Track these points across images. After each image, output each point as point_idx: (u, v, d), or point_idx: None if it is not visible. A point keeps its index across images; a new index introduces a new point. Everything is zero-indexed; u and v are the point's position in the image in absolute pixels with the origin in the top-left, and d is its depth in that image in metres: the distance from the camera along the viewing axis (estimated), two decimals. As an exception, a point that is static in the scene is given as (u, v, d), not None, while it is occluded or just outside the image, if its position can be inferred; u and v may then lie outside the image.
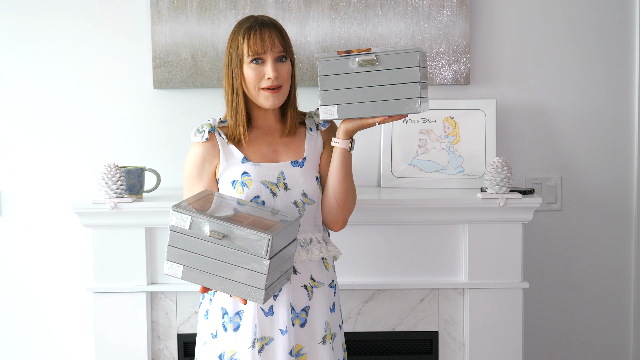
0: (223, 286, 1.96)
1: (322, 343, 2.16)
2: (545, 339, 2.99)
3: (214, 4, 2.85)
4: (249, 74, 2.11)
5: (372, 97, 2.06)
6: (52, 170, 2.95)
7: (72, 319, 2.97)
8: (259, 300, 1.94)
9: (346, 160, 2.15)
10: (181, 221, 1.96)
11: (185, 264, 1.98)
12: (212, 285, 1.98)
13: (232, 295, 1.99)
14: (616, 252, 2.98)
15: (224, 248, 1.94)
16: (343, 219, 2.22)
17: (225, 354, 2.13)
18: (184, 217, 1.96)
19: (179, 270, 1.99)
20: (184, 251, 1.97)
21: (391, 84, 2.04)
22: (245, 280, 1.94)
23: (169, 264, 1.99)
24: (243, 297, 1.96)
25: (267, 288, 1.94)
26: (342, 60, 2.06)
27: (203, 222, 1.94)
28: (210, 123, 2.19)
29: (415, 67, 2.02)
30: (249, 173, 2.14)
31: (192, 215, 1.95)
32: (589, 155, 2.95)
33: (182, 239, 1.97)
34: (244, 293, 1.95)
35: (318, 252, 2.18)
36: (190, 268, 1.98)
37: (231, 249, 1.94)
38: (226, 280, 1.96)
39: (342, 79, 2.07)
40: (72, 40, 2.91)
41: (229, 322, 2.14)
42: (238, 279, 1.95)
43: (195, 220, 1.95)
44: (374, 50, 2.05)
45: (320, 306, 2.18)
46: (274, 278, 1.97)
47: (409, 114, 2.07)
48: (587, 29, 2.91)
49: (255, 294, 1.94)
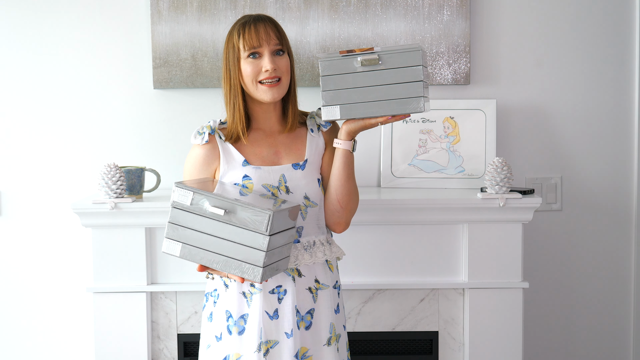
0: (221, 264, 1.97)
1: (327, 345, 2.15)
2: (545, 339, 2.99)
3: (214, 4, 2.85)
4: (247, 68, 2.10)
5: (375, 97, 2.04)
6: (52, 170, 2.95)
7: (72, 319, 2.97)
8: (257, 277, 1.94)
9: (348, 161, 2.14)
10: (183, 197, 1.97)
11: (184, 242, 1.99)
12: (210, 263, 1.98)
13: (230, 275, 2.00)
14: (616, 252, 2.98)
15: (224, 225, 1.95)
16: (346, 221, 2.21)
17: (230, 357, 2.12)
18: (186, 192, 1.97)
19: (177, 248, 1.99)
20: (184, 228, 1.98)
21: (394, 83, 2.02)
22: (244, 257, 1.95)
23: (168, 242, 2.00)
24: (241, 275, 1.96)
25: (265, 266, 1.94)
26: (344, 60, 2.05)
27: (204, 199, 1.96)
28: (211, 125, 2.17)
29: (418, 65, 2.01)
30: (250, 176, 2.13)
31: (195, 191, 1.96)
32: (589, 155, 2.95)
33: (183, 215, 1.98)
34: (242, 271, 1.95)
35: (322, 254, 2.17)
36: (189, 246, 1.99)
37: (231, 225, 1.95)
38: (225, 257, 1.97)
39: (344, 79, 2.05)
40: (72, 40, 2.91)
41: (233, 325, 2.13)
42: (236, 256, 1.95)
43: (197, 196, 1.96)
44: (376, 50, 2.03)
45: (325, 308, 2.17)
46: (272, 259, 1.98)
47: (412, 114, 2.05)
48: (587, 29, 2.91)
49: (253, 272, 1.94)
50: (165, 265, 2.67)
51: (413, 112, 2.03)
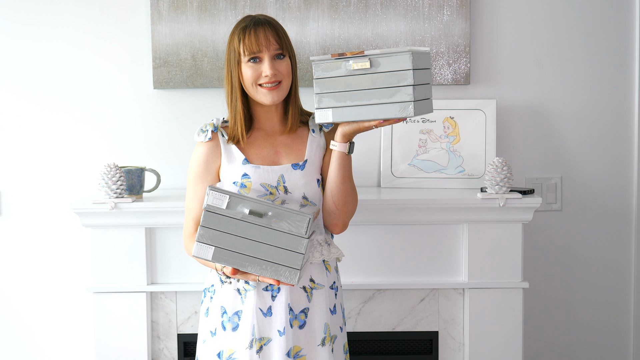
0: (255, 267, 1.99)
1: (321, 345, 2.16)
2: (545, 339, 2.99)
3: (214, 4, 2.85)
4: (247, 72, 2.11)
5: (366, 101, 2.02)
6: (52, 170, 2.95)
7: (72, 319, 2.97)
8: (294, 280, 1.97)
9: (344, 163, 2.13)
10: (218, 200, 1.98)
11: (217, 245, 2.00)
12: (244, 266, 2.00)
13: (262, 278, 2.02)
14: (616, 252, 2.98)
15: (261, 228, 1.97)
16: (343, 222, 2.21)
17: (224, 352, 2.14)
18: (222, 196, 1.98)
19: (209, 252, 2.00)
20: (218, 232, 1.99)
21: (385, 87, 2.01)
22: (281, 260, 1.97)
23: (199, 246, 2.00)
24: (277, 277, 1.98)
25: (301, 268, 1.97)
26: (336, 63, 2.04)
27: (242, 202, 1.97)
28: (214, 123, 2.20)
29: (408, 70, 1.98)
30: (249, 175, 2.14)
31: (231, 195, 1.98)
32: (589, 155, 2.95)
33: (217, 219, 1.99)
34: (278, 273, 1.97)
35: (319, 254, 2.18)
36: (222, 249, 2.00)
37: (269, 228, 1.97)
38: (260, 260, 1.98)
39: (336, 82, 2.04)
40: (72, 40, 2.91)
41: (227, 321, 2.14)
42: (274, 259, 1.97)
43: (234, 199, 1.97)
44: (367, 53, 2.01)
45: (320, 308, 2.17)
46: (305, 260, 2.00)
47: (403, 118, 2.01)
48: (587, 29, 2.91)
49: (290, 274, 1.97)
50: (165, 265, 2.67)
51: (403, 117, 2.00)
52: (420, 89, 2.04)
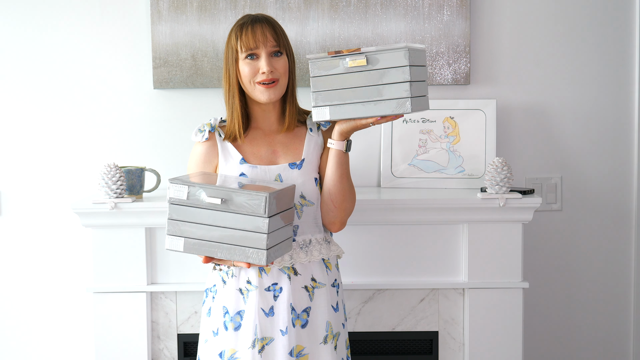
0: (225, 252, 1.99)
1: (323, 343, 2.16)
2: (545, 339, 2.99)
3: (214, 4, 2.85)
4: (244, 69, 2.12)
5: (363, 98, 2.02)
6: (52, 170, 2.95)
7: (72, 319, 2.97)
8: (262, 260, 1.96)
9: (341, 161, 2.13)
10: (179, 192, 2.00)
11: (186, 236, 2.01)
12: (214, 253, 2.00)
13: (235, 262, 2.01)
14: (616, 252, 2.98)
15: (223, 213, 1.97)
16: (341, 220, 2.21)
17: (226, 352, 2.14)
18: (181, 187, 2.00)
19: (180, 243, 2.02)
20: (184, 222, 2.00)
21: (381, 84, 2.01)
22: (246, 242, 1.97)
23: (170, 238, 2.02)
24: (245, 260, 1.98)
25: (269, 248, 1.96)
26: (333, 61, 2.04)
27: (199, 190, 1.98)
28: (211, 122, 2.20)
29: (404, 66, 1.98)
30: (246, 174, 2.15)
31: (189, 185, 1.99)
32: (589, 155, 2.95)
33: (181, 210, 2.00)
34: (247, 256, 1.97)
35: (318, 253, 2.18)
36: (191, 239, 2.01)
37: (230, 212, 1.97)
38: (227, 245, 1.99)
39: (333, 79, 2.04)
40: (72, 40, 2.91)
41: (229, 321, 2.14)
42: (239, 243, 1.97)
43: (192, 189, 1.99)
44: (363, 50, 2.01)
45: (322, 306, 2.18)
46: (275, 240, 2.00)
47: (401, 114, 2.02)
48: (587, 29, 2.91)
49: (258, 255, 1.97)
50: (165, 265, 2.67)
51: (400, 113, 2.00)
52: (417, 86, 2.04)
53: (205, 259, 2.04)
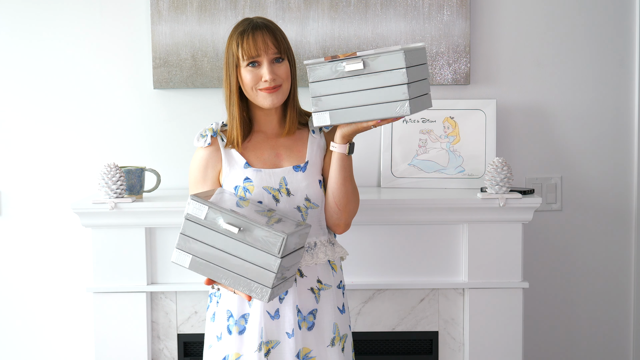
0: (229, 280, 1.97)
1: (331, 345, 2.15)
2: (545, 339, 2.99)
3: (214, 4, 2.85)
4: (246, 76, 2.11)
5: (362, 102, 2.02)
6: (52, 170, 2.95)
7: (72, 319, 2.97)
8: (264, 298, 1.94)
9: (344, 164, 2.13)
10: (198, 210, 1.97)
11: (194, 254, 1.99)
12: (218, 278, 1.98)
13: (237, 291, 2.00)
14: (616, 252, 2.98)
15: (236, 242, 1.95)
16: (345, 222, 2.21)
17: (230, 357, 2.12)
18: (201, 206, 1.97)
19: (187, 260, 1.99)
20: (195, 240, 1.98)
21: (379, 87, 2.00)
22: (253, 276, 1.95)
23: (178, 253, 2.00)
24: (248, 293, 1.96)
25: (273, 287, 1.95)
26: (330, 66, 2.03)
27: (219, 214, 1.95)
28: (213, 127, 2.19)
29: (401, 68, 1.97)
30: (251, 179, 2.14)
31: (210, 206, 1.96)
32: (589, 155, 2.95)
33: (196, 228, 1.97)
34: (250, 289, 1.96)
35: (323, 255, 2.17)
36: (199, 259, 1.98)
37: (244, 243, 1.94)
38: (233, 274, 1.96)
39: (331, 84, 2.04)
40: (72, 40, 2.91)
41: (234, 325, 2.13)
42: (246, 275, 1.95)
43: (212, 211, 1.96)
44: (359, 54, 2.01)
45: (328, 308, 2.17)
46: (280, 278, 1.98)
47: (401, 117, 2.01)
48: (587, 29, 2.91)
49: (261, 292, 1.95)
50: (165, 265, 2.66)
51: (399, 116, 2.00)
52: (417, 86, 2.03)
53: (208, 281, 2.03)
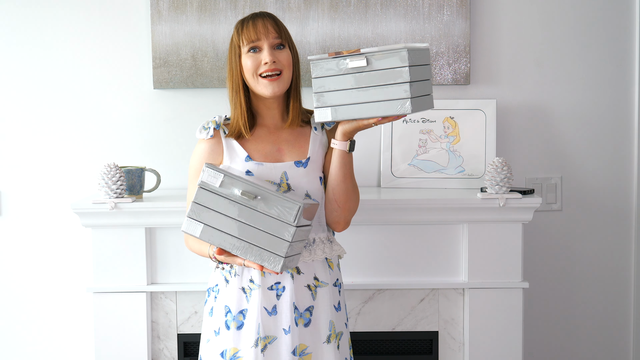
0: (242, 250, 1.97)
1: (326, 342, 2.16)
2: (545, 339, 2.99)
3: (214, 4, 2.85)
4: (247, 62, 2.12)
5: (364, 99, 2.02)
6: (52, 170, 2.95)
7: (72, 319, 2.97)
8: (277, 267, 1.95)
9: (345, 161, 2.14)
10: (213, 178, 1.97)
11: (206, 223, 1.99)
12: (230, 247, 1.98)
13: (247, 262, 2.00)
14: (616, 252, 2.98)
15: (251, 211, 1.95)
16: (345, 220, 2.21)
17: (227, 352, 2.14)
18: (217, 174, 1.97)
19: (198, 229, 1.99)
20: (208, 209, 1.98)
21: (382, 85, 2.01)
22: (267, 245, 1.95)
23: (189, 222, 1.99)
24: (260, 262, 1.97)
25: (286, 257, 1.95)
26: (333, 62, 2.04)
27: (235, 182, 1.96)
28: (216, 120, 2.20)
29: (404, 67, 1.98)
30: (252, 172, 2.14)
31: (225, 174, 1.97)
32: (589, 155, 2.95)
33: (209, 197, 1.98)
34: (263, 258, 1.96)
35: (321, 252, 2.18)
36: (211, 228, 1.98)
37: (259, 212, 1.95)
38: (246, 243, 1.97)
39: (334, 80, 2.05)
40: (72, 40, 2.91)
41: (232, 320, 2.14)
42: (259, 244, 1.96)
43: (228, 179, 1.96)
44: (363, 52, 2.01)
45: (325, 306, 2.18)
46: (292, 251, 1.98)
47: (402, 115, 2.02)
48: (587, 29, 2.91)
49: (274, 261, 1.95)
50: (165, 265, 2.67)
51: (400, 114, 2.00)
52: (419, 85, 2.04)
53: (219, 251, 2.04)
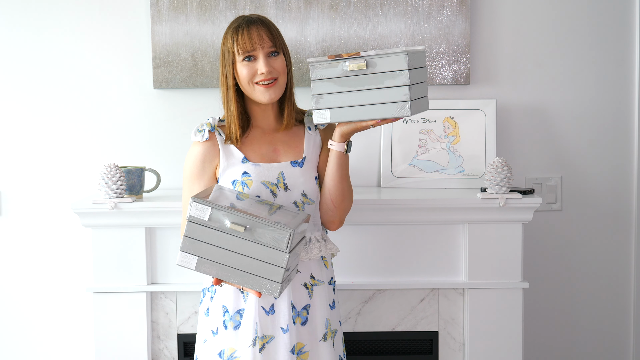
0: (238, 278, 1.98)
1: (323, 340, 2.18)
2: (545, 339, 2.99)
3: (214, 4, 2.85)
4: (242, 71, 2.12)
5: (363, 101, 2.04)
6: (52, 170, 2.95)
7: (72, 319, 2.97)
8: (275, 293, 1.95)
9: (342, 162, 2.15)
10: (200, 212, 1.96)
11: (200, 256, 1.98)
12: (227, 277, 1.98)
13: (245, 288, 2.00)
14: (616, 252, 2.98)
15: (242, 240, 1.95)
16: (339, 219, 2.23)
17: (225, 352, 2.14)
18: (204, 207, 1.96)
19: (192, 262, 1.99)
20: (201, 242, 1.98)
21: (381, 88, 2.02)
22: (262, 273, 1.95)
23: (183, 255, 1.99)
24: (258, 290, 1.97)
25: (283, 281, 1.96)
26: (333, 65, 2.05)
27: (223, 214, 1.95)
28: (210, 122, 2.20)
29: (404, 70, 2.00)
30: (249, 173, 2.15)
31: (212, 207, 1.96)
32: (589, 155, 2.95)
33: (200, 230, 1.97)
34: (260, 286, 1.96)
35: (317, 251, 2.20)
36: (205, 260, 1.98)
37: (250, 241, 1.95)
38: (242, 272, 1.97)
39: (333, 83, 2.06)
40: (72, 40, 2.91)
41: (229, 320, 2.15)
42: (255, 272, 1.96)
43: (216, 212, 1.96)
44: (363, 54, 2.03)
45: (321, 304, 2.19)
46: (288, 274, 1.99)
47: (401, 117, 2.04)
48: (587, 29, 2.91)
49: (272, 287, 1.96)
50: (165, 265, 2.67)
51: (399, 116, 2.02)
52: (416, 88, 2.06)
53: (216, 281, 2.04)
